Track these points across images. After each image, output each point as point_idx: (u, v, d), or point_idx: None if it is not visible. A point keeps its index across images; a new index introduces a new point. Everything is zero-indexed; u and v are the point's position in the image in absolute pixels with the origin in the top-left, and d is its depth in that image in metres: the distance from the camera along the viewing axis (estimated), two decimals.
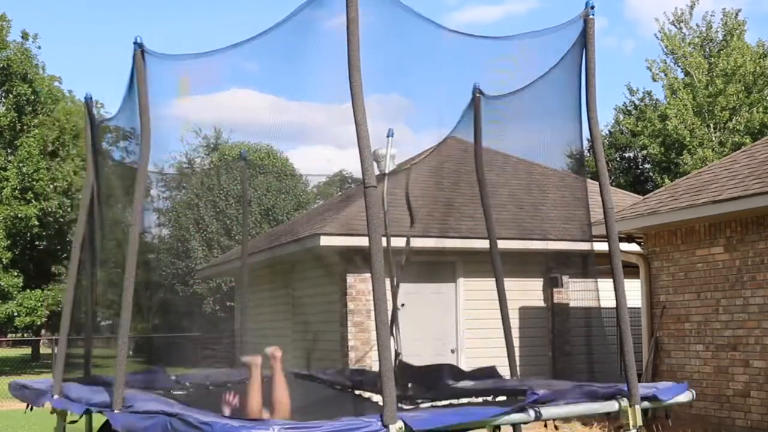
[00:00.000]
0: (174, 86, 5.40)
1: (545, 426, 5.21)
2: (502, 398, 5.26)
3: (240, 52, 4.93)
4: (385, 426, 3.63)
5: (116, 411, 4.60)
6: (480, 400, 4.41)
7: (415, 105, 6.05)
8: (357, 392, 6.67)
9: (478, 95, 6.33)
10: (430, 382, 6.10)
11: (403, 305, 7.53)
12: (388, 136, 8.16)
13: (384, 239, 7.78)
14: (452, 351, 13.14)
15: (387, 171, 8.21)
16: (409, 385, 6.27)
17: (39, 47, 40.97)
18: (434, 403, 5.41)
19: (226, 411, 5.44)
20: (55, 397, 5.84)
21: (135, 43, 5.09)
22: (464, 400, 5.37)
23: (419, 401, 5.87)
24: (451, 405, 5.18)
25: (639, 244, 11.22)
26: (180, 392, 6.82)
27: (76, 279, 6.70)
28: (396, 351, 6.84)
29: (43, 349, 33.85)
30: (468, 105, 6.42)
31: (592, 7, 4.98)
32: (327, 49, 4.82)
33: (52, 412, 5.94)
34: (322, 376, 7.14)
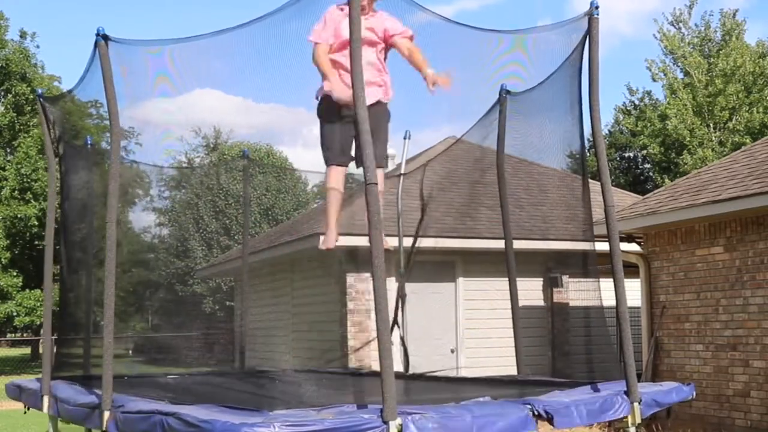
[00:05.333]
0: (147, 75, 5.27)
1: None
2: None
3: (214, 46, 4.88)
4: (385, 423, 3.61)
5: (106, 412, 4.55)
6: (487, 398, 4.36)
7: (414, 103, 6.03)
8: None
9: (504, 95, 6.32)
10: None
11: (404, 295, 7.53)
12: (404, 138, 8.12)
13: (395, 238, 7.81)
14: (452, 351, 13.14)
15: (403, 171, 8.18)
16: None
17: (38, 46, 41.07)
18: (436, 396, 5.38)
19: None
20: (45, 398, 5.82)
21: (98, 34, 4.84)
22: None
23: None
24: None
25: (639, 244, 11.21)
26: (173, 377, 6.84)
27: (68, 279, 6.70)
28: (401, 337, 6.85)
29: (42, 349, 33.81)
30: (493, 104, 6.41)
31: (597, 7, 4.98)
32: (302, 55, 4.84)
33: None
34: None
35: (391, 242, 6.63)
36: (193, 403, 4.28)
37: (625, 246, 10.45)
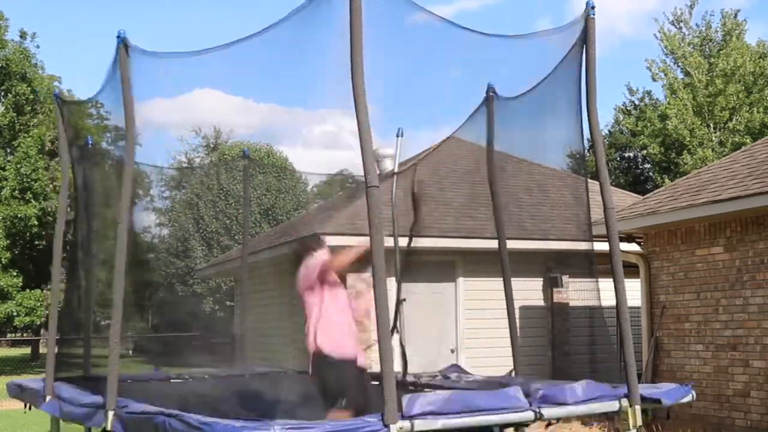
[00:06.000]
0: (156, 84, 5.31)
1: (546, 427, 5.20)
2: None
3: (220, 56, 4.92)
4: (386, 426, 3.63)
5: (111, 412, 4.56)
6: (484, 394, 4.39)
7: (414, 103, 6.04)
8: None
9: (491, 95, 6.34)
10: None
11: (404, 300, 7.54)
12: (397, 136, 8.10)
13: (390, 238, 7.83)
14: (452, 351, 13.14)
15: (396, 170, 8.17)
16: None
17: (38, 46, 41.00)
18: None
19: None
20: (48, 398, 5.83)
21: (118, 37, 4.92)
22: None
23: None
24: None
25: (639, 244, 11.21)
26: (178, 380, 6.84)
27: (69, 279, 6.71)
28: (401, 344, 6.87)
29: (43, 349, 33.81)
30: (480, 105, 6.43)
31: (593, 8, 5.00)
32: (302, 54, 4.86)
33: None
34: None
35: (388, 243, 6.64)
36: (195, 407, 4.30)
37: (625, 246, 10.46)
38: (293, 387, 6.60)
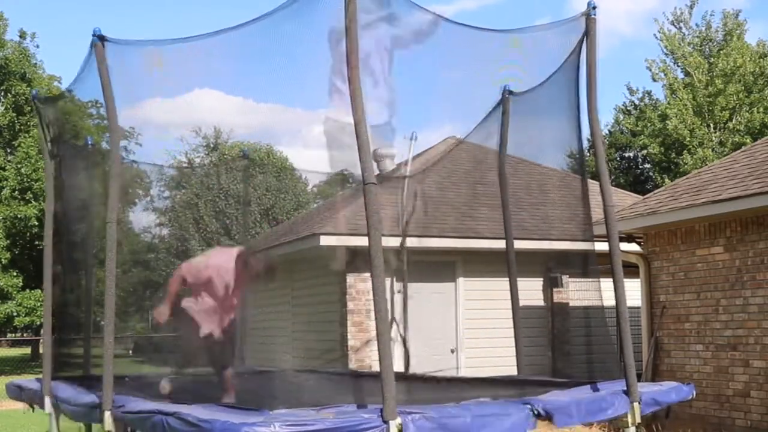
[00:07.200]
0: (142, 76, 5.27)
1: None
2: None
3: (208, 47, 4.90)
4: (385, 422, 3.62)
5: (107, 412, 4.56)
6: (487, 399, 4.38)
7: (413, 103, 6.03)
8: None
9: (507, 96, 6.32)
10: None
11: (399, 291, 7.53)
12: (411, 139, 8.13)
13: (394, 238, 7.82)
14: (452, 351, 13.14)
15: (406, 172, 8.19)
16: None
17: (37, 46, 41.07)
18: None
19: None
20: (45, 398, 5.84)
21: (94, 35, 4.87)
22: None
23: None
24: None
25: (639, 244, 11.21)
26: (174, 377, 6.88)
27: (69, 279, 6.71)
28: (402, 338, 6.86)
29: (43, 349, 33.79)
30: (495, 105, 6.42)
31: (594, 7, 4.99)
32: (300, 55, 4.85)
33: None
34: None
35: (392, 242, 6.64)
36: (194, 402, 4.29)
37: (625, 246, 10.45)
38: (292, 386, 6.60)
